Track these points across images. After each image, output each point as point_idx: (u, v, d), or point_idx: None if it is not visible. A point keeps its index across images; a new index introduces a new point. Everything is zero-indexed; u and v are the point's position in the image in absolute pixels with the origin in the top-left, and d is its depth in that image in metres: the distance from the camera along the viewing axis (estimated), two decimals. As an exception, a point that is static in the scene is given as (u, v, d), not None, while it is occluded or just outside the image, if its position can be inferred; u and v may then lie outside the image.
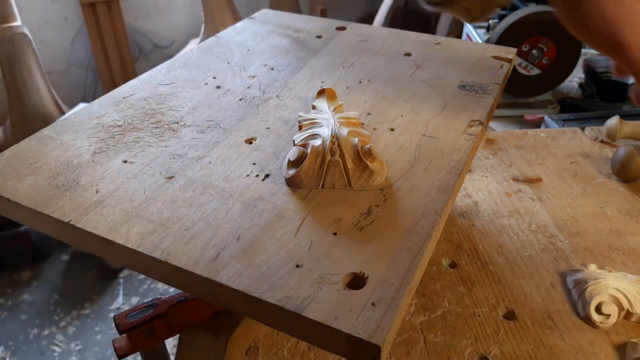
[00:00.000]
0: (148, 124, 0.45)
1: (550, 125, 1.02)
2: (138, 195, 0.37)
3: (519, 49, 1.16)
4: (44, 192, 0.37)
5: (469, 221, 0.61)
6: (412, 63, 0.56)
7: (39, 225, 0.37)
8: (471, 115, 0.46)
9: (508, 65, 0.56)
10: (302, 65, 0.56)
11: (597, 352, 0.45)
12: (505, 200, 0.65)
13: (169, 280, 0.33)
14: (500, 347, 0.46)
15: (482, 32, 1.33)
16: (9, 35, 1.71)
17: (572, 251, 0.56)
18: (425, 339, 0.47)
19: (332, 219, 0.35)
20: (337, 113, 0.44)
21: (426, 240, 0.33)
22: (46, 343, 1.55)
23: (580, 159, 0.72)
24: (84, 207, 0.35)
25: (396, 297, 0.29)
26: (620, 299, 0.47)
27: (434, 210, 0.35)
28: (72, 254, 1.86)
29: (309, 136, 0.40)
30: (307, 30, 0.64)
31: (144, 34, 2.40)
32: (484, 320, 0.49)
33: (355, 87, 0.51)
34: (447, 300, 0.51)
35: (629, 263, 0.55)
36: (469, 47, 0.60)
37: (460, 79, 0.53)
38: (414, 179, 0.38)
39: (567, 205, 0.63)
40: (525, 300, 0.50)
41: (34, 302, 1.69)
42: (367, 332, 0.27)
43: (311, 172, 0.37)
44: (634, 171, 0.65)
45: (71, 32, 2.27)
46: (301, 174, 0.37)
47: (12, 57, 1.72)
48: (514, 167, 0.71)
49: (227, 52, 0.58)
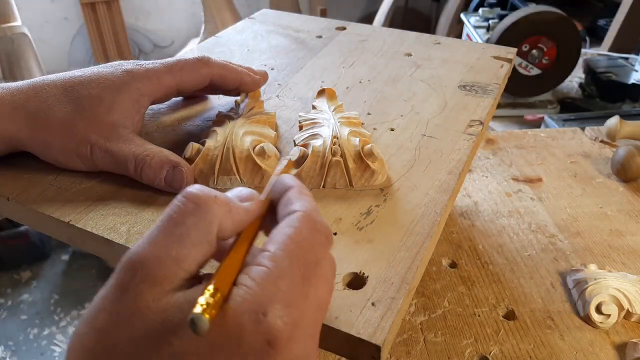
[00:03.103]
0: (148, 124, 0.45)
1: (550, 125, 1.02)
2: (138, 195, 0.37)
3: (519, 49, 1.16)
4: (45, 192, 0.37)
5: (469, 221, 0.61)
6: (412, 63, 0.56)
7: (39, 225, 0.37)
8: (471, 115, 0.46)
9: (508, 65, 0.56)
10: (302, 65, 0.56)
11: (597, 352, 0.45)
12: (505, 200, 0.65)
13: (169, 280, 0.33)
14: (500, 347, 0.46)
15: (482, 32, 1.33)
16: (9, 35, 1.71)
17: (572, 251, 0.56)
18: (425, 339, 0.47)
19: (332, 219, 0.35)
20: (337, 113, 0.44)
21: (426, 240, 0.33)
22: (46, 343, 1.55)
23: (580, 159, 0.72)
24: (84, 207, 0.35)
25: (396, 297, 0.29)
26: (620, 299, 0.47)
27: (434, 210, 0.35)
28: (72, 254, 1.86)
29: (310, 136, 0.40)
30: (307, 30, 0.64)
31: (144, 34, 2.40)
32: (484, 320, 0.49)
33: (355, 87, 0.51)
34: (447, 300, 0.51)
35: (629, 263, 0.55)
36: (469, 47, 0.60)
37: (460, 79, 0.53)
38: (414, 178, 0.38)
39: (567, 205, 0.63)
40: (525, 300, 0.51)
41: (34, 302, 1.69)
42: (367, 332, 0.27)
43: (312, 172, 0.37)
44: (634, 171, 0.65)
45: (71, 32, 2.27)
46: (302, 174, 0.37)
47: (12, 57, 1.72)
48: (514, 167, 0.71)
49: (227, 52, 0.58)
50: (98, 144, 0.37)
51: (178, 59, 0.42)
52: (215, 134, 0.40)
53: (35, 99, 0.37)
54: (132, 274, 0.22)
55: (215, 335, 0.21)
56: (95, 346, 0.21)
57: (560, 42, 1.16)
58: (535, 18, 1.15)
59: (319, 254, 0.24)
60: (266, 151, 0.38)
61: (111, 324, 0.22)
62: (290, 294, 0.22)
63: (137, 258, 0.22)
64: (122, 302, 0.22)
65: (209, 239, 0.24)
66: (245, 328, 0.21)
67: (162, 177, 0.36)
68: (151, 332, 0.21)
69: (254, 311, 0.21)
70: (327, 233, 0.25)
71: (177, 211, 0.23)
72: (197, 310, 0.20)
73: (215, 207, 0.24)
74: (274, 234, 0.24)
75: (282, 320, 0.21)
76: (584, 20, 1.63)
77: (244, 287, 0.22)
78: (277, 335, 0.21)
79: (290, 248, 0.23)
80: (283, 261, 0.23)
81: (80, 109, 0.37)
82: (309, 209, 0.25)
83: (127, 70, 0.40)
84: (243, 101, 0.45)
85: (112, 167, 0.37)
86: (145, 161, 0.36)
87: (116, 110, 0.38)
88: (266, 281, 0.22)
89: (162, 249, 0.22)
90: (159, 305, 0.22)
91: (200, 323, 0.20)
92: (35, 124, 0.37)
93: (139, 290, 0.22)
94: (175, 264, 0.22)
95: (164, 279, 0.22)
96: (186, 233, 0.23)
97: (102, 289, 0.23)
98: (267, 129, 0.42)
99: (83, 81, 0.38)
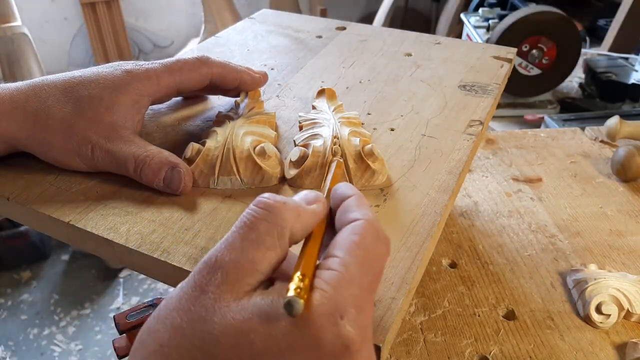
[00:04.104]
0: (148, 124, 0.45)
1: (550, 125, 1.02)
2: (138, 195, 0.37)
3: (519, 49, 1.16)
4: (45, 192, 0.37)
5: (469, 221, 0.61)
6: (412, 63, 0.56)
7: (39, 225, 0.37)
8: (471, 115, 0.46)
9: (508, 65, 0.56)
10: (302, 65, 0.56)
11: (597, 352, 0.45)
12: (505, 200, 0.65)
13: (169, 280, 0.33)
14: (500, 347, 0.46)
15: (482, 32, 1.33)
16: (9, 35, 1.71)
17: (572, 251, 0.56)
18: (425, 339, 0.47)
19: (332, 219, 0.35)
20: (337, 113, 0.44)
21: (426, 240, 0.33)
22: (46, 343, 1.55)
23: (580, 159, 0.72)
24: (84, 207, 0.35)
25: (396, 297, 0.29)
26: (620, 299, 0.47)
27: (434, 210, 0.35)
28: (72, 254, 1.86)
29: (310, 136, 0.40)
30: (307, 30, 0.64)
31: (144, 34, 2.40)
32: (484, 320, 0.49)
33: (355, 87, 0.51)
34: (447, 300, 0.51)
35: (629, 263, 0.55)
36: (469, 47, 0.60)
37: (460, 78, 0.53)
38: (414, 178, 0.38)
39: (567, 205, 0.63)
40: (525, 300, 0.51)
41: (34, 302, 1.69)
42: (367, 332, 0.27)
43: (313, 172, 0.37)
44: (634, 171, 0.65)
45: (71, 32, 2.27)
46: (303, 174, 0.37)
47: (12, 57, 1.72)
48: (514, 167, 0.71)
49: (227, 52, 0.58)
50: (99, 144, 0.37)
51: (178, 59, 0.42)
52: (216, 134, 0.40)
53: (35, 99, 0.37)
54: (212, 276, 0.23)
55: (296, 336, 0.22)
56: (170, 342, 0.22)
57: (560, 42, 1.16)
58: (535, 18, 1.15)
59: (382, 263, 0.25)
60: (266, 151, 0.38)
61: (188, 322, 0.22)
62: (361, 299, 0.23)
63: (216, 261, 0.23)
64: (202, 301, 0.23)
65: (282, 243, 0.25)
66: (325, 330, 0.22)
67: (161, 178, 0.36)
68: (231, 329, 0.22)
69: (332, 314, 0.22)
70: (388, 243, 0.26)
71: (251, 218, 0.25)
72: (291, 293, 0.21)
73: (285, 213, 0.25)
74: (338, 239, 0.25)
75: (357, 324, 0.22)
76: (584, 20, 1.63)
77: (320, 290, 0.22)
78: (353, 339, 0.22)
79: (358, 254, 0.24)
80: (352, 267, 0.23)
81: (80, 109, 0.37)
82: (372, 218, 0.26)
83: (127, 70, 0.40)
84: (243, 101, 0.45)
85: (112, 167, 0.37)
86: (145, 162, 0.36)
87: (116, 110, 0.38)
88: (340, 285, 0.23)
89: (239, 253, 0.24)
90: (239, 305, 0.22)
91: (296, 305, 0.21)
92: (35, 124, 0.37)
93: (219, 291, 0.23)
94: (252, 266, 0.23)
95: (242, 281, 0.23)
96: (261, 238, 0.24)
97: (175, 290, 0.24)
98: (267, 129, 0.42)
99: (83, 81, 0.38)
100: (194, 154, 0.38)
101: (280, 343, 0.21)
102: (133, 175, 0.37)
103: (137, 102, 0.39)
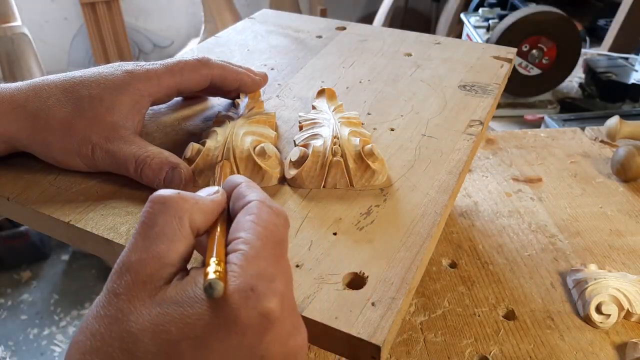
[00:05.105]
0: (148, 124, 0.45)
1: (550, 125, 1.02)
2: (138, 195, 0.37)
3: (519, 49, 1.16)
4: (45, 192, 0.37)
5: (469, 221, 0.61)
6: (412, 63, 0.56)
7: (39, 225, 0.37)
8: (471, 115, 0.46)
9: (508, 65, 0.56)
10: (302, 65, 0.56)
11: (597, 352, 0.45)
12: (505, 200, 0.65)
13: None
14: (500, 347, 0.46)
15: (482, 32, 1.33)
16: (9, 35, 1.71)
17: (572, 251, 0.56)
18: (425, 339, 0.47)
19: (332, 219, 0.35)
20: (337, 113, 0.44)
21: (426, 240, 0.33)
22: (46, 343, 1.55)
23: (580, 159, 0.72)
24: (84, 207, 0.35)
25: (396, 297, 0.29)
26: (620, 299, 0.47)
27: (434, 210, 0.35)
28: (72, 254, 1.86)
29: (310, 136, 0.40)
30: (307, 30, 0.64)
31: (144, 34, 2.40)
32: (484, 320, 0.49)
33: (355, 87, 0.51)
34: (447, 300, 0.51)
35: (629, 263, 0.55)
36: (469, 47, 0.60)
37: (460, 78, 0.53)
38: (414, 178, 0.38)
39: (567, 205, 0.63)
40: (525, 300, 0.51)
41: (34, 302, 1.69)
42: (367, 332, 0.27)
43: (313, 172, 0.37)
44: (634, 171, 0.65)
45: (71, 32, 2.27)
46: (303, 174, 0.37)
47: (12, 57, 1.72)
48: (514, 167, 0.71)
49: (227, 52, 0.58)
50: (99, 144, 0.37)
51: (178, 60, 0.42)
52: (216, 134, 0.40)
53: (35, 99, 0.37)
54: (121, 279, 0.24)
55: (211, 317, 0.22)
56: (91, 349, 0.23)
57: (560, 42, 1.16)
58: (535, 18, 1.15)
59: (283, 234, 0.26)
60: (266, 151, 0.38)
61: (105, 326, 0.23)
62: (269, 270, 0.24)
63: (123, 264, 0.24)
64: (116, 305, 0.23)
65: (184, 232, 0.25)
66: (239, 305, 0.22)
67: (161, 178, 0.36)
68: (148, 324, 0.22)
69: (242, 289, 0.22)
70: (285, 216, 0.27)
71: (148, 215, 0.25)
72: (211, 276, 0.22)
73: (181, 203, 0.26)
74: (236, 223, 0.26)
75: (271, 293, 0.23)
76: (584, 20, 1.63)
77: (229, 272, 0.23)
78: (270, 307, 0.23)
79: (258, 230, 0.25)
80: (255, 242, 0.24)
81: (80, 109, 0.37)
82: (262, 197, 0.27)
83: (127, 70, 0.40)
84: (243, 101, 0.45)
85: (112, 167, 0.37)
86: (145, 162, 0.36)
87: (116, 110, 0.38)
88: (247, 262, 0.23)
89: (143, 251, 0.24)
90: (154, 300, 0.23)
91: (217, 286, 0.22)
92: (35, 124, 0.37)
93: (132, 292, 0.23)
94: (159, 261, 0.24)
95: (153, 277, 0.24)
96: (161, 231, 0.25)
97: (95, 301, 0.24)
98: (267, 129, 0.42)
99: (83, 81, 0.38)
100: (194, 154, 0.38)
101: (197, 327, 0.22)
102: (133, 176, 0.37)
103: (137, 102, 0.39)
